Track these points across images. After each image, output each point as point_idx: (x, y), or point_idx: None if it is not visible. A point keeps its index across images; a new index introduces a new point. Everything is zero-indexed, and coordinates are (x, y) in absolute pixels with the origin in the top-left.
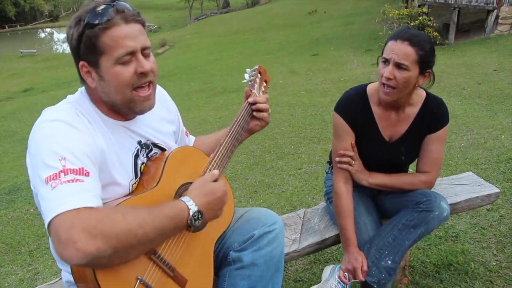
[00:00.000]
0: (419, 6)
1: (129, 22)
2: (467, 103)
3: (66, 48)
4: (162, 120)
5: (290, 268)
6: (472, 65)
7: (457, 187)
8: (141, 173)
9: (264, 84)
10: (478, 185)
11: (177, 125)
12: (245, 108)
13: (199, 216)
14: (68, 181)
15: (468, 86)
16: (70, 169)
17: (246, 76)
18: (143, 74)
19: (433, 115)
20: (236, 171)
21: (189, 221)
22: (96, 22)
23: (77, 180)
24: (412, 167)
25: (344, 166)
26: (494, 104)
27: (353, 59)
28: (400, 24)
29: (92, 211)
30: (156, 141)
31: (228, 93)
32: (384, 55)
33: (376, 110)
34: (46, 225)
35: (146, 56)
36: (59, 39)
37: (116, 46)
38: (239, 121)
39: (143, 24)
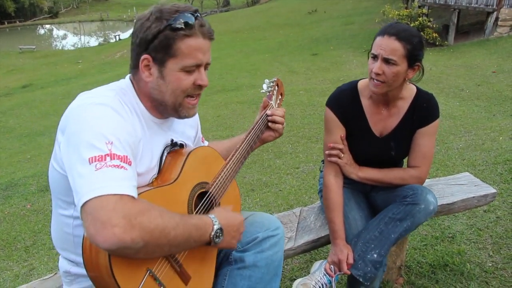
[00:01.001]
0: (419, 7)
1: (205, 37)
2: (465, 105)
3: (65, 44)
4: (187, 124)
5: (285, 267)
6: (471, 67)
7: (454, 187)
8: None
9: (280, 97)
10: (475, 186)
11: (196, 130)
12: (261, 118)
13: (221, 234)
14: (114, 165)
15: (467, 87)
16: (116, 155)
17: (264, 86)
18: (200, 87)
19: (423, 110)
20: (237, 185)
21: (211, 236)
22: (180, 27)
23: (122, 166)
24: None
25: (333, 159)
26: (492, 105)
27: (353, 59)
28: None
29: (134, 201)
30: (181, 140)
31: (227, 92)
32: (372, 51)
33: (366, 105)
34: (80, 203)
35: (206, 70)
36: (59, 36)
37: (188, 55)
38: (255, 129)
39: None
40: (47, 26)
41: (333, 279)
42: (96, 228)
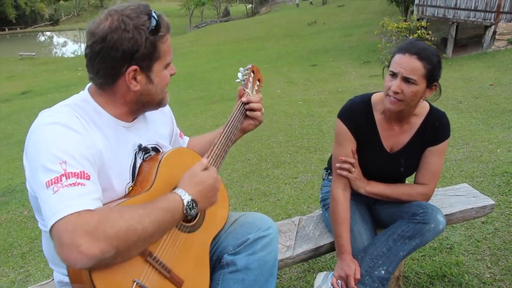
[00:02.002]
0: (418, 19)
1: (169, 32)
2: (463, 117)
3: (65, 52)
4: (160, 123)
5: (283, 276)
6: (469, 79)
7: (452, 198)
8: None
9: (258, 83)
10: (473, 197)
11: (171, 127)
12: (238, 108)
13: (194, 205)
14: (70, 184)
15: (464, 100)
16: (71, 173)
17: (239, 75)
18: (171, 76)
19: (435, 128)
20: (232, 179)
21: (184, 211)
22: (158, 29)
23: (78, 183)
24: (408, 179)
25: (344, 173)
26: (490, 118)
27: (351, 70)
28: (399, 37)
29: (92, 213)
30: (155, 144)
31: (226, 101)
32: (391, 68)
33: (379, 119)
34: (48, 229)
35: None
36: (59, 43)
37: (168, 52)
38: (232, 120)
39: None
40: (48, 33)
41: None
42: (64, 252)
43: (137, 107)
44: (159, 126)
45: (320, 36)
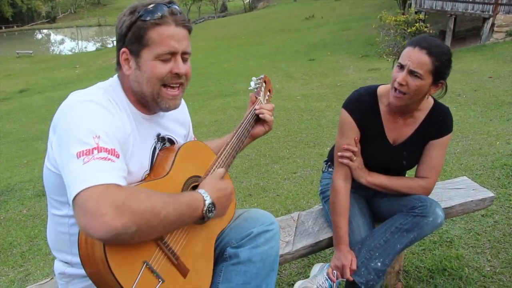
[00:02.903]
0: (416, 12)
1: (179, 25)
2: (462, 110)
3: (62, 49)
4: (177, 122)
5: (283, 271)
6: (468, 72)
7: (452, 191)
8: None
9: (268, 93)
10: (473, 190)
11: (187, 129)
12: (250, 112)
13: (213, 208)
14: (101, 158)
15: (463, 92)
16: (103, 148)
17: (252, 84)
18: (177, 75)
19: (439, 122)
20: (231, 175)
21: (203, 212)
22: (149, 16)
23: (109, 159)
24: (409, 173)
25: (345, 161)
26: (489, 110)
27: (350, 64)
28: (397, 30)
29: (121, 188)
30: (171, 136)
31: (224, 97)
32: (400, 61)
33: (384, 111)
34: (71, 198)
35: (184, 60)
36: (56, 41)
37: (161, 43)
38: (245, 124)
39: (189, 31)
40: (45, 31)
41: (334, 284)
42: (86, 219)
43: (139, 98)
44: (177, 126)
45: (318, 30)
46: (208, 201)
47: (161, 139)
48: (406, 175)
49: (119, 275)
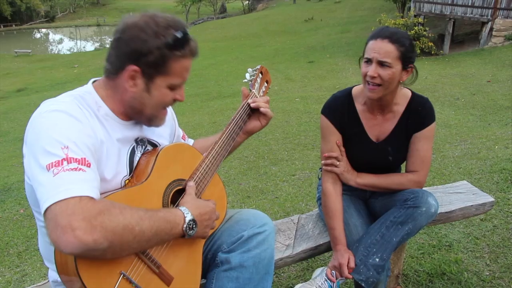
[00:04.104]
0: (415, 16)
1: (194, 56)
2: (461, 113)
3: (61, 49)
4: None
5: (282, 274)
6: (466, 76)
7: (452, 195)
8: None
9: (265, 84)
10: (473, 194)
11: (172, 128)
12: (243, 108)
13: (194, 225)
14: (71, 169)
15: (462, 96)
16: (73, 158)
17: (247, 75)
18: (176, 101)
19: (418, 114)
20: (229, 176)
21: (183, 229)
22: (178, 49)
23: (80, 169)
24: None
25: (329, 168)
26: (487, 114)
27: (349, 67)
28: None
29: (94, 202)
30: (152, 139)
31: (223, 98)
32: (366, 55)
33: (361, 110)
34: (43, 211)
35: None
36: (55, 40)
37: (179, 74)
38: (236, 119)
39: None
40: (43, 30)
41: (334, 284)
42: (57, 233)
43: (131, 111)
44: (159, 127)
45: (317, 32)
46: (188, 217)
47: (140, 141)
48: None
49: (92, 286)
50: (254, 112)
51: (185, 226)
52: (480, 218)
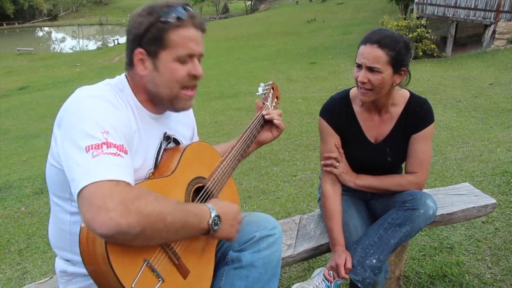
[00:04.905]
0: (417, 18)
1: (197, 28)
2: (463, 116)
3: (63, 47)
4: (183, 124)
5: (283, 275)
6: (469, 78)
7: (454, 197)
8: None
9: (276, 100)
10: (475, 196)
11: (192, 132)
12: (257, 118)
13: (219, 221)
14: (111, 153)
15: (464, 99)
16: (112, 143)
17: (260, 89)
18: (194, 77)
19: (416, 115)
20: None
21: (209, 224)
22: (170, 18)
23: (118, 154)
24: None
25: (328, 169)
26: (489, 117)
27: (350, 68)
28: None
29: (130, 187)
30: (175, 136)
31: (225, 98)
32: (356, 60)
33: (359, 112)
34: (77, 190)
35: (199, 61)
36: (57, 39)
37: (181, 45)
38: (251, 128)
39: (204, 33)
40: (46, 28)
41: (332, 284)
42: (92, 213)
43: (152, 98)
44: (182, 127)
45: (319, 33)
46: (214, 213)
47: (166, 137)
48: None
49: (120, 272)
50: (266, 123)
51: (210, 221)
52: (481, 220)
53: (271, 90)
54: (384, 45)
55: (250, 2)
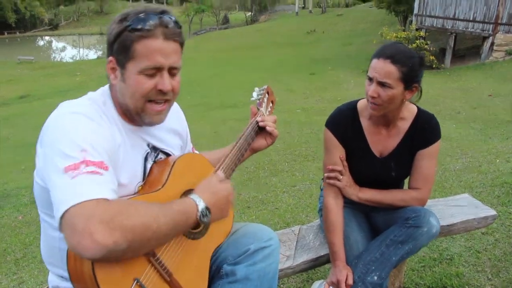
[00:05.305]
0: (416, 29)
1: (168, 39)
2: (462, 127)
3: (64, 56)
4: (172, 132)
5: (282, 286)
6: (468, 90)
7: (454, 208)
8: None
9: (271, 104)
10: (475, 207)
11: (184, 141)
12: (251, 125)
13: (207, 212)
14: (89, 172)
15: (463, 110)
16: (90, 161)
17: (254, 94)
18: (161, 92)
19: (424, 131)
20: None
21: (198, 217)
22: (137, 27)
23: (97, 172)
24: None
25: (332, 181)
26: (488, 128)
27: (350, 79)
28: None
29: (110, 203)
30: (163, 148)
31: (225, 109)
32: (368, 74)
33: (366, 125)
34: (59, 215)
35: (173, 75)
36: (58, 48)
37: (146, 57)
38: (245, 136)
39: (181, 44)
40: (47, 37)
41: None
42: (76, 239)
43: (123, 108)
44: (171, 136)
45: (319, 45)
46: (201, 205)
47: (153, 149)
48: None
49: None
50: (261, 130)
51: (198, 214)
52: (481, 231)
53: (266, 94)
54: (397, 60)
55: (250, 13)
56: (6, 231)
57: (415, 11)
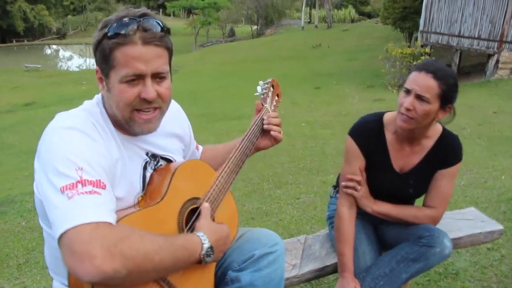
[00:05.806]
0: (421, 46)
1: (147, 44)
2: (467, 143)
3: (70, 65)
4: (171, 136)
5: None
6: (473, 107)
7: (460, 222)
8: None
9: (276, 98)
10: (482, 221)
11: (187, 143)
12: (256, 122)
13: (211, 252)
14: (86, 192)
15: (468, 126)
16: (87, 180)
17: (259, 88)
18: (146, 100)
19: (447, 151)
20: (234, 197)
21: (201, 256)
22: (114, 34)
23: (95, 192)
24: (418, 201)
25: (349, 191)
26: (494, 145)
27: (355, 94)
28: (403, 63)
29: (112, 228)
30: (163, 155)
31: (229, 120)
32: (406, 85)
33: (390, 139)
34: (57, 236)
35: (161, 79)
36: (65, 56)
37: (125, 65)
38: (249, 135)
39: (167, 48)
40: (54, 46)
41: None
42: (75, 261)
43: (116, 120)
44: (171, 140)
45: (325, 59)
46: (206, 245)
47: (152, 157)
48: (415, 204)
49: None
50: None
51: (203, 253)
52: (487, 247)
53: (271, 88)
54: (439, 77)
55: (256, 26)
56: (9, 236)
57: (421, 27)
